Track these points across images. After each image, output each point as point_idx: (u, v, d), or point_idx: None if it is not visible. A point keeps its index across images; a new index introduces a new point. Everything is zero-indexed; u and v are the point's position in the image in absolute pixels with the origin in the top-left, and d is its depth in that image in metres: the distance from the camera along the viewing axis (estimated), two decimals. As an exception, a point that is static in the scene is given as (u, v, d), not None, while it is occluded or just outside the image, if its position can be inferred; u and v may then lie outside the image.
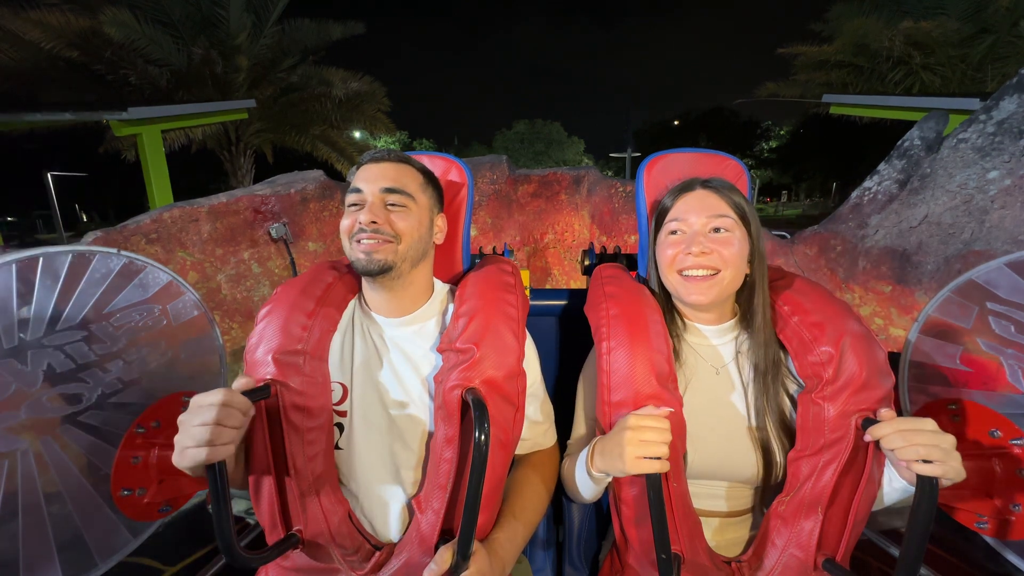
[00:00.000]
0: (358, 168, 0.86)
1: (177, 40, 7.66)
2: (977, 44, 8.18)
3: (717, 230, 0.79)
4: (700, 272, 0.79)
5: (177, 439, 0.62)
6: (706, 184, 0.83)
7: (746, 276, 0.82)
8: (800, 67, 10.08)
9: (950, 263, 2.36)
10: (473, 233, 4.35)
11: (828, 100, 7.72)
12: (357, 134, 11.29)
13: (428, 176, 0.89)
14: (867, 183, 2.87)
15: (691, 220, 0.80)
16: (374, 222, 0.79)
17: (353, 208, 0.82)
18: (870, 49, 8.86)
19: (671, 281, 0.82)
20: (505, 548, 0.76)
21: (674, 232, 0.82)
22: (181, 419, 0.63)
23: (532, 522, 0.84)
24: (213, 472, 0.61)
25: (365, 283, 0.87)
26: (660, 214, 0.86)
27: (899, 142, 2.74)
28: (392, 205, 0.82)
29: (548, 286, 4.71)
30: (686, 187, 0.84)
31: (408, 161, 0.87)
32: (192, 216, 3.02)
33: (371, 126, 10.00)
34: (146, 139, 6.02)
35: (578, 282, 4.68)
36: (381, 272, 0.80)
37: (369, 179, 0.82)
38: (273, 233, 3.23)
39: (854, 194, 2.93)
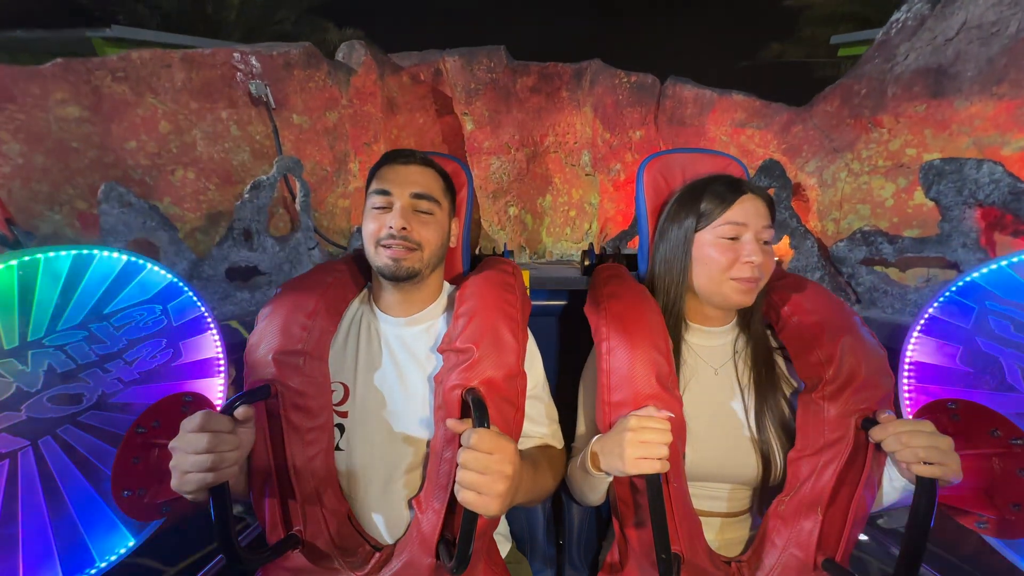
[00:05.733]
0: (380, 166, 0.84)
1: (167, -22, 7.47)
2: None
3: (766, 240, 0.79)
4: (750, 277, 0.79)
5: (173, 465, 0.61)
6: (753, 189, 0.81)
7: None
8: (806, 21, 9.87)
9: (994, 63, 2.14)
10: (470, 127, 4.14)
11: (836, 41, 7.54)
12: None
13: (446, 179, 0.88)
14: (895, 15, 2.65)
15: (751, 227, 0.79)
16: (404, 228, 0.78)
17: (379, 211, 0.81)
18: (879, -4, 8.65)
19: (723, 286, 0.80)
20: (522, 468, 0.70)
21: (730, 237, 0.80)
22: (173, 446, 0.62)
23: (540, 484, 0.79)
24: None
25: (379, 284, 0.86)
26: (705, 214, 0.82)
27: (932, -40, 2.52)
28: (419, 211, 0.81)
29: (549, 196, 4.49)
30: (734, 189, 0.81)
31: (432, 164, 0.86)
32: (164, 60, 2.79)
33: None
34: (132, 64, 5.80)
35: (580, 190, 4.47)
36: (408, 278, 0.80)
37: (398, 182, 0.81)
38: (253, 90, 3.00)
39: (879, 33, 2.72)
